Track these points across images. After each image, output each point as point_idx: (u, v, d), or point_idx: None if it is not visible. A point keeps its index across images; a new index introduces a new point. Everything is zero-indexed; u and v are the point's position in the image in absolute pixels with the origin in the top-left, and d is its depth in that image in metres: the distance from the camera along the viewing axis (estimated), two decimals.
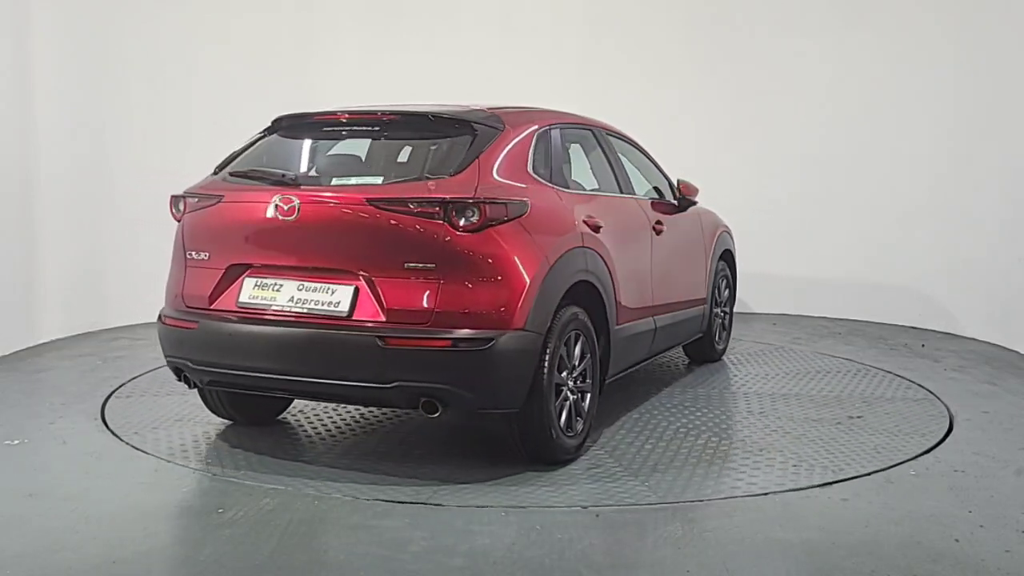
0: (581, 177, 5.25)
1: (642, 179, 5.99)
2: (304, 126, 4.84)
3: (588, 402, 4.63)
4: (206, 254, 4.46)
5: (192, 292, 4.48)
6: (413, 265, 4.05)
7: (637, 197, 5.65)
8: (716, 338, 6.83)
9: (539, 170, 4.62)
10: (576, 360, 4.53)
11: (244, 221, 4.40)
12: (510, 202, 4.22)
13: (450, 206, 4.04)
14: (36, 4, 7.22)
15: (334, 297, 4.15)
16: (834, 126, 8.68)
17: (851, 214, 8.71)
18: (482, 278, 4.05)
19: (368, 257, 4.13)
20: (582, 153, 5.48)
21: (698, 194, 6.30)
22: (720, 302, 6.87)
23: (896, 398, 5.84)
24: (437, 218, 4.05)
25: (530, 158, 4.58)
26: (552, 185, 4.65)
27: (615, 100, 8.34)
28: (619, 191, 5.48)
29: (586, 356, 4.60)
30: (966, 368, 6.68)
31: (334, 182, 4.49)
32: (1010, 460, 4.58)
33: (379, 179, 4.49)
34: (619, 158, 5.69)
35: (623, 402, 5.59)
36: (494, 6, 9.00)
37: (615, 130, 5.88)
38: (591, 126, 5.54)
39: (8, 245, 6.93)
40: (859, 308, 8.71)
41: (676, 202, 6.10)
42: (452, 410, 4.10)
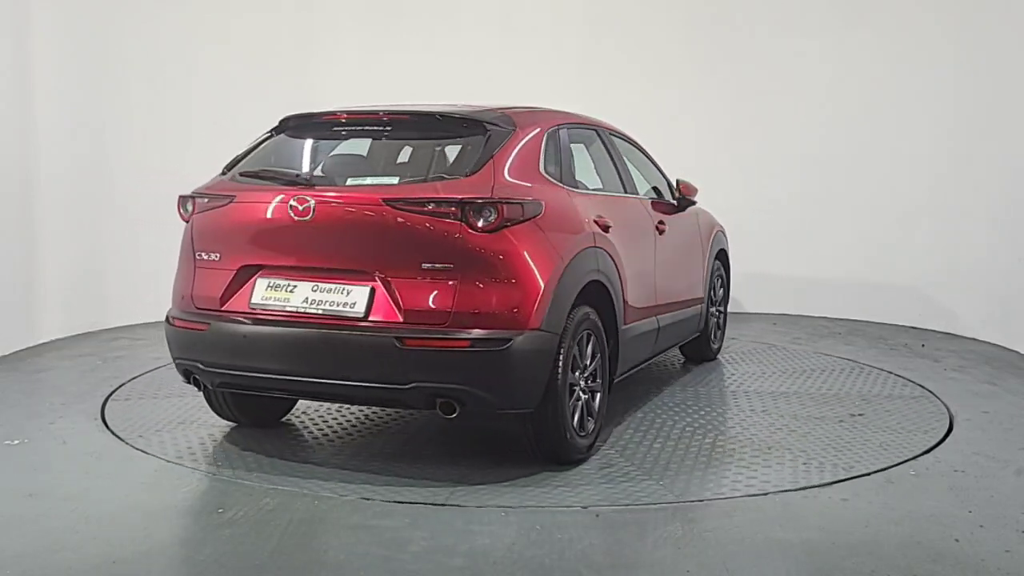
0: (586, 177, 5.26)
1: (642, 179, 6.01)
2: (313, 126, 4.80)
3: (598, 402, 4.64)
4: (217, 255, 4.42)
5: (202, 293, 4.44)
6: (430, 265, 4.03)
7: (640, 197, 5.67)
8: (712, 337, 6.87)
9: (550, 170, 4.62)
10: (588, 360, 4.53)
11: (257, 221, 4.36)
12: (526, 202, 4.22)
13: (468, 206, 4.03)
14: (36, 4, 7.22)
15: (349, 298, 4.13)
16: (834, 126, 8.68)
17: (851, 214, 8.71)
18: (499, 278, 4.04)
19: (384, 257, 4.11)
20: (586, 153, 5.49)
21: (697, 194, 6.31)
22: (715, 301, 6.91)
23: (894, 395, 5.85)
24: (455, 218, 4.03)
25: (541, 158, 4.58)
26: (562, 185, 4.66)
27: (615, 100, 8.34)
28: (624, 191, 5.50)
29: (596, 356, 4.61)
30: (966, 368, 6.68)
31: (349, 182, 4.47)
32: (1010, 460, 4.59)
33: (394, 179, 4.49)
34: (623, 158, 5.71)
35: (625, 401, 5.60)
36: (494, 6, 9.00)
37: (616, 130, 5.89)
38: (595, 126, 5.55)
39: (8, 245, 6.93)
40: (859, 308, 8.71)
41: (676, 202, 6.12)
42: (469, 411, 4.07)
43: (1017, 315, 7.37)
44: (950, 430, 5.08)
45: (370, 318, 4.08)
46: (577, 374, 4.43)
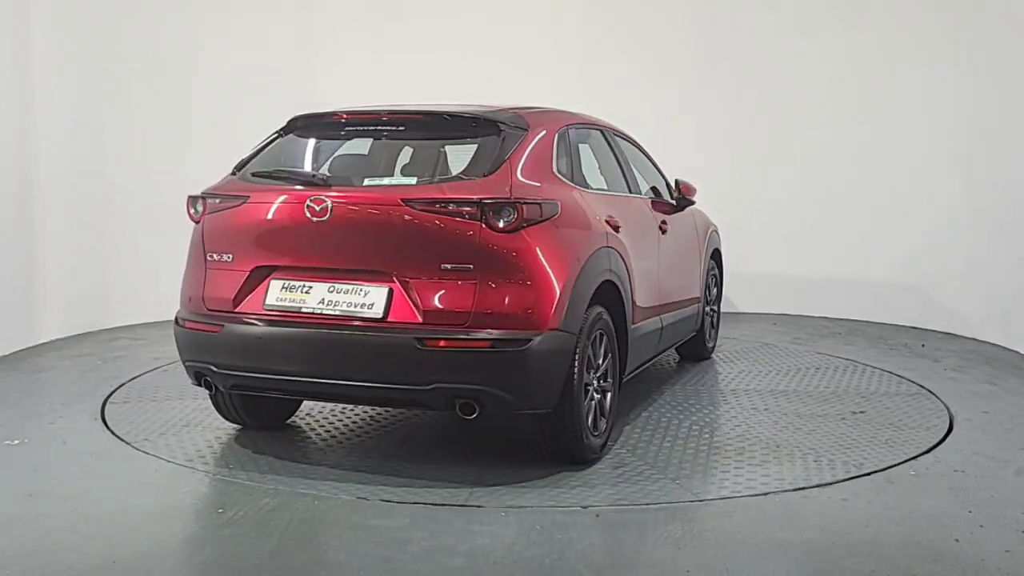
0: (592, 177, 5.28)
1: (641, 179, 6.02)
2: (322, 126, 4.77)
3: (610, 401, 4.63)
4: (229, 255, 4.36)
5: (214, 295, 4.38)
6: (450, 266, 4.01)
7: (643, 197, 5.69)
8: (707, 336, 6.90)
9: (562, 170, 4.62)
10: (600, 360, 4.54)
11: (272, 222, 4.31)
12: (544, 202, 4.22)
13: (488, 206, 4.02)
14: (36, 4, 7.22)
15: (367, 299, 4.10)
16: (834, 126, 8.68)
17: (851, 214, 8.71)
18: (519, 279, 4.03)
19: (403, 258, 4.08)
20: (591, 153, 5.50)
21: (695, 194, 6.32)
22: (710, 300, 6.94)
23: (891, 392, 5.88)
24: (474, 219, 4.02)
25: (554, 158, 4.58)
26: (574, 185, 4.67)
27: (615, 100, 8.34)
28: (628, 191, 5.52)
29: (608, 356, 4.61)
30: (966, 368, 6.68)
31: (366, 182, 4.45)
32: (1010, 460, 4.59)
33: (410, 180, 4.47)
34: (626, 158, 5.73)
35: (629, 401, 5.59)
36: (494, 6, 9.01)
37: (618, 129, 5.90)
38: (599, 126, 5.56)
39: (8, 245, 6.93)
40: (859, 308, 8.72)
41: (675, 202, 6.13)
42: (488, 411, 4.06)
43: (1017, 315, 7.37)
44: (950, 430, 5.08)
45: (389, 319, 4.05)
46: (591, 374, 4.43)
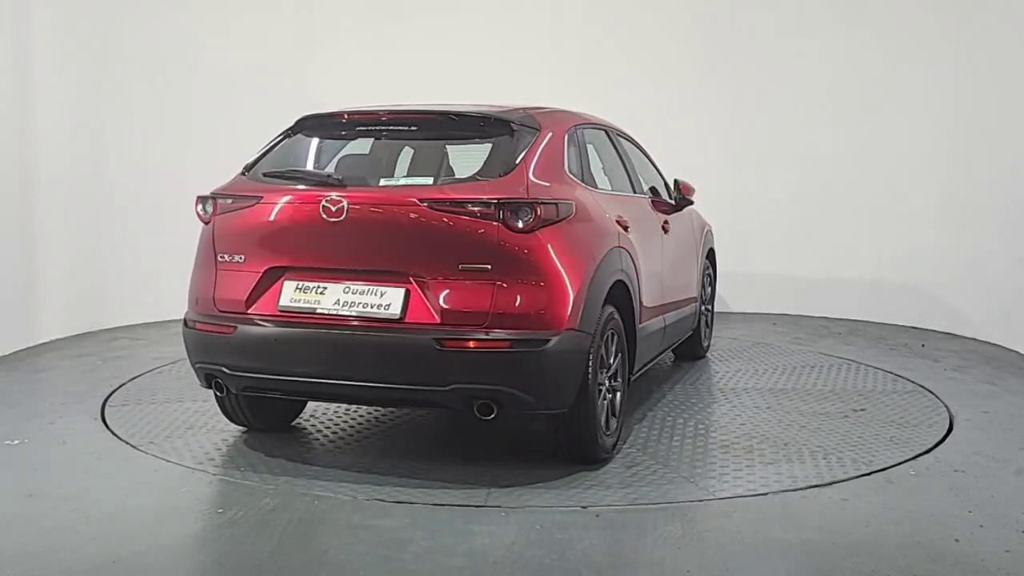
0: (599, 177, 5.29)
1: (642, 179, 6.02)
2: (331, 126, 4.74)
3: (619, 401, 4.64)
4: (241, 256, 4.32)
5: (225, 296, 4.33)
6: (468, 266, 4.01)
7: (646, 197, 5.70)
8: (702, 335, 6.92)
9: (573, 170, 4.62)
10: (612, 359, 4.54)
11: (286, 222, 4.27)
12: (561, 202, 4.22)
13: (506, 207, 4.01)
14: (36, 4, 7.22)
15: (383, 299, 4.08)
16: (834, 126, 8.68)
17: (851, 214, 8.71)
18: (537, 279, 4.03)
19: (420, 258, 4.06)
20: (596, 153, 5.51)
21: (694, 193, 6.33)
22: (705, 300, 6.96)
23: (888, 390, 5.91)
24: (493, 219, 4.01)
25: (565, 158, 4.58)
26: (584, 185, 4.67)
27: (615, 100, 8.33)
28: (632, 191, 5.52)
29: (618, 355, 4.61)
30: (966, 368, 6.68)
31: (382, 183, 4.43)
32: (1010, 460, 4.58)
33: (425, 180, 4.45)
34: (629, 158, 5.74)
35: (631, 400, 5.56)
36: (494, 6, 9.00)
37: (620, 129, 5.91)
38: (603, 126, 5.56)
39: (8, 245, 6.93)
40: (859, 308, 8.71)
41: (674, 201, 6.13)
42: (506, 412, 4.05)
43: (1017, 315, 7.37)
44: (950, 430, 5.08)
45: (406, 320, 4.03)
46: (603, 373, 4.43)
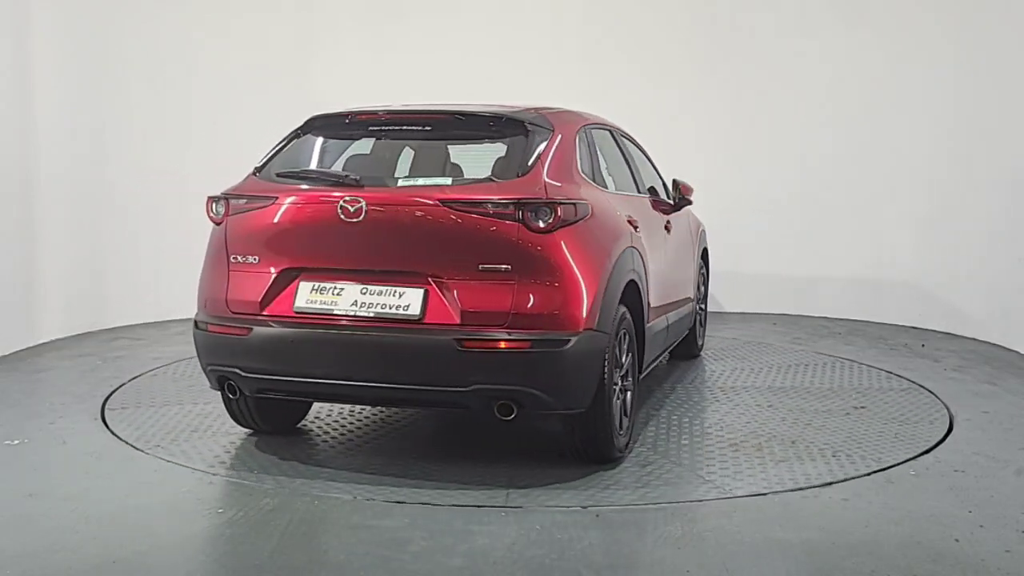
0: (607, 177, 5.29)
1: (643, 179, 6.03)
2: (342, 126, 4.70)
3: (630, 400, 4.64)
4: (255, 257, 4.27)
5: (239, 297, 4.27)
6: (488, 267, 4.00)
7: (649, 197, 5.71)
8: (697, 335, 6.93)
9: (585, 170, 4.62)
10: (624, 359, 4.54)
11: (302, 223, 4.24)
12: (579, 203, 4.22)
13: (527, 207, 4.01)
14: (36, 4, 7.22)
15: (402, 300, 4.05)
16: (834, 126, 8.68)
17: (851, 214, 8.71)
18: (557, 279, 4.03)
19: (439, 259, 4.05)
20: (602, 153, 5.51)
21: (692, 193, 6.33)
22: (699, 299, 6.97)
23: (884, 388, 5.92)
24: (513, 219, 4.01)
25: (578, 159, 4.58)
26: (596, 185, 4.68)
27: (615, 100, 8.33)
28: (637, 191, 5.53)
29: (629, 355, 4.62)
30: (966, 368, 6.68)
31: (400, 183, 4.42)
32: (1010, 460, 4.58)
33: (442, 180, 4.45)
34: (632, 158, 5.74)
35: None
36: (494, 6, 9.00)
37: (621, 129, 5.91)
38: (608, 126, 5.56)
39: (8, 245, 6.93)
40: (859, 308, 8.71)
41: (672, 201, 6.14)
42: (526, 412, 4.04)
43: (1017, 315, 7.37)
44: (950, 430, 5.08)
45: (425, 320, 4.02)
46: (617, 373, 4.43)
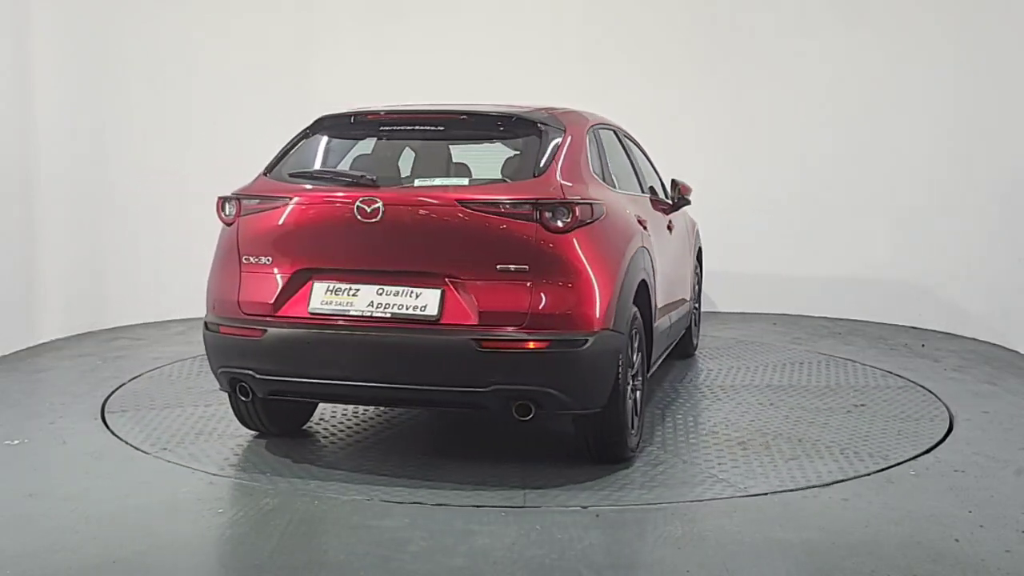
0: (615, 177, 5.29)
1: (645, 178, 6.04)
2: (351, 126, 4.68)
3: (639, 399, 4.64)
4: (268, 258, 4.23)
5: (251, 298, 4.24)
6: (506, 267, 4.00)
7: (650, 196, 5.71)
8: (692, 334, 6.94)
9: (596, 171, 4.63)
10: (635, 358, 4.55)
11: (317, 223, 4.22)
12: (595, 203, 4.23)
13: (545, 207, 4.02)
14: (36, 4, 7.21)
15: (419, 301, 4.04)
16: (834, 126, 8.68)
17: (851, 214, 8.70)
18: (574, 279, 4.03)
19: (456, 259, 4.04)
20: (608, 153, 5.51)
21: (691, 193, 6.34)
22: (694, 298, 6.98)
23: (881, 386, 5.92)
24: (531, 219, 4.01)
25: (589, 159, 4.58)
26: (606, 185, 4.68)
27: (615, 100, 8.32)
28: (640, 191, 5.53)
29: (639, 354, 4.63)
30: (966, 368, 6.68)
31: (417, 183, 4.40)
32: (1010, 460, 4.59)
33: (461, 181, 4.45)
34: (635, 158, 5.75)
35: None
36: (494, 6, 9.00)
37: (624, 129, 5.92)
38: (612, 126, 5.56)
39: (8, 245, 6.92)
40: (859, 308, 8.71)
41: (671, 201, 6.14)
42: (544, 412, 4.03)
43: (1017, 315, 7.37)
44: (950, 430, 5.08)
45: (443, 321, 4.01)
46: (629, 372, 4.44)
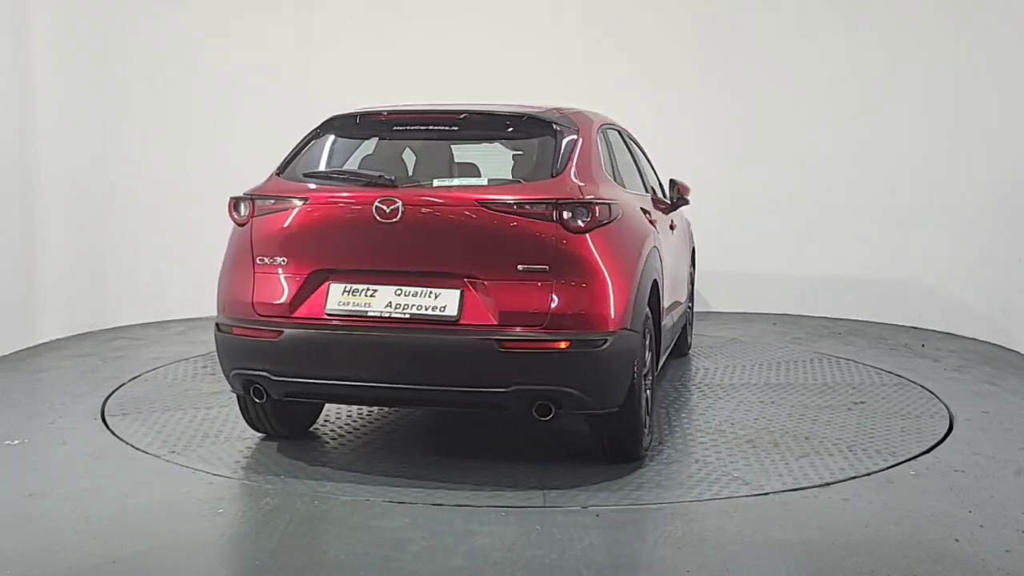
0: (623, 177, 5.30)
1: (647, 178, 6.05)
2: (362, 126, 4.66)
3: (649, 398, 4.64)
4: (283, 259, 4.19)
5: (266, 300, 4.19)
6: (525, 267, 3.99)
7: (652, 196, 5.71)
8: (687, 333, 6.95)
9: (607, 170, 4.63)
10: (647, 357, 4.55)
11: (334, 223, 4.18)
12: (612, 203, 4.24)
13: (565, 207, 4.01)
14: (36, 4, 7.21)
15: (438, 301, 4.02)
16: (834, 126, 8.67)
17: (851, 214, 8.70)
18: (592, 279, 4.04)
19: (476, 259, 4.03)
20: (615, 153, 5.51)
21: (689, 193, 6.34)
22: (689, 297, 7.00)
23: (878, 383, 5.93)
24: (551, 220, 4.01)
25: (601, 159, 4.59)
26: (618, 185, 4.68)
27: (615, 100, 8.31)
28: (644, 191, 5.54)
29: (651, 353, 4.64)
30: (966, 368, 6.68)
31: (435, 183, 4.39)
32: (1010, 460, 4.59)
33: (480, 181, 4.46)
34: (638, 158, 5.75)
35: None
36: (494, 6, 8.99)
37: (627, 130, 5.92)
38: (616, 126, 5.57)
39: (8, 245, 6.92)
40: (859, 308, 8.71)
41: (670, 201, 6.15)
42: (563, 412, 4.03)
43: (1017, 315, 7.37)
44: (950, 430, 5.08)
45: (462, 321, 3.99)
46: (643, 371, 4.44)
